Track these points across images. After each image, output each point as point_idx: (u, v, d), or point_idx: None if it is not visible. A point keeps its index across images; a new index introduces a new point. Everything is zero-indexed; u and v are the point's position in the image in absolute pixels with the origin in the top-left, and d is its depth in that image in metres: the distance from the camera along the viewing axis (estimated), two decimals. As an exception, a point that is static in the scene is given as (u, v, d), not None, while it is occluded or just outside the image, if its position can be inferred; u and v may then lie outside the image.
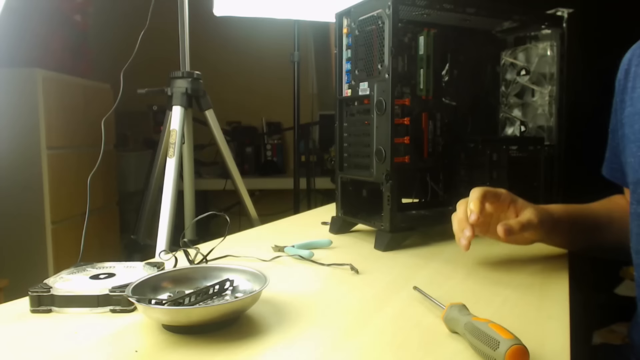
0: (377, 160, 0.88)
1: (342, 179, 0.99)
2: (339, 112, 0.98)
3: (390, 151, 0.85)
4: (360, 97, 0.92)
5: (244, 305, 0.57)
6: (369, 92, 0.89)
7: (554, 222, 0.79)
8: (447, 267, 0.80)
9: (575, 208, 0.85)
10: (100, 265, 0.71)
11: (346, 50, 0.96)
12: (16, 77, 1.82)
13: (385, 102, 0.85)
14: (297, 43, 1.84)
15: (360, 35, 0.91)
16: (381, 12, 0.84)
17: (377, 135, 0.88)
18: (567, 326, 0.57)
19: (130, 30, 1.54)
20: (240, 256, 0.84)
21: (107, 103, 2.27)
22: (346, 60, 0.96)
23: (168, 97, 1.42)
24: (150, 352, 0.50)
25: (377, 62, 0.86)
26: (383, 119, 0.86)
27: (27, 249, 1.86)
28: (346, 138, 0.97)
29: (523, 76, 1.09)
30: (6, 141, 1.82)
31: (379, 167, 0.87)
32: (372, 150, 0.89)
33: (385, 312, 0.61)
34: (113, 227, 2.44)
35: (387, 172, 0.86)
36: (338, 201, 1.00)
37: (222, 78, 2.79)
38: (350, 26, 0.94)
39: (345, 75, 0.96)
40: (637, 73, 0.72)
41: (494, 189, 0.76)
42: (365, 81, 0.90)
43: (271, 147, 2.93)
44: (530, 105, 1.10)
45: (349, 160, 0.97)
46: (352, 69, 0.94)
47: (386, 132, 0.85)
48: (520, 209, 0.76)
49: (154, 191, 1.46)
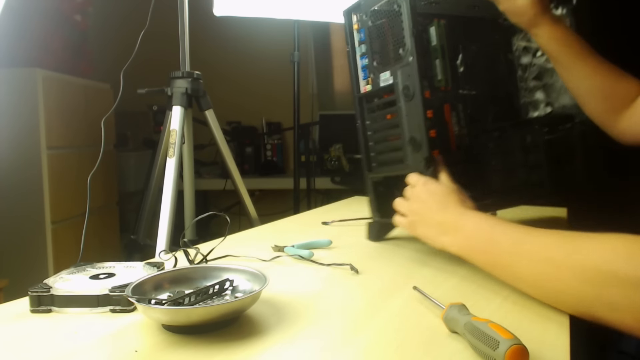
0: (411, 150, 0.82)
1: (373, 179, 0.92)
2: (360, 111, 0.93)
3: (427, 137, 0.79)
4: (381, 90, 0.87)
5: (243, 305, 0.57)
6: (392, 80, 0.84)
7: (562, 29, 0.84)
8: (447, 267, 0.80)
9: (580, 46, 0.85)
10: (100, 265, 0.71)
11: (359, 46, 0.92)
12: (16, 77, 1.82)
13: (413, 87, 0.80)
14: (297, 43, 1.84)
15: (375, 25, 0.88)
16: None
17: (408, 123, 0.82)
18: (567, 326, 0.57)
19: (130, 30, 1.54)
20: (240, 256, 0.84)
21: (107, 103, 2.27)
22: (360, 56, 0.92)
23: (168, 97, 1.41)
24: (150, 352, 0.50)
25: (398, 47, 0.82)
26: (412, 105, 0.80)
27: (27, 249, 1.86)
28: (371, 136, 0.92)
29: (540, 57, 1.06)
30: (6, 141, 1.82)
31: (415, 157, 0.82)
32: (405, 140, 0.83)
33: (385, 312, 0.61)
34: (113, 227, 2.44)
35: (425, 159, 0.80)
36: (373, 205, 0.93)
37: (222, 78, 2.79)
38: (362, 19, 0.90)
39: (361, 72, 0.92)
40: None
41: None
42: (386, 71, 0.85)
43: (271, 147, 2.93)
44: (552, 86, 1.05)
45: (378, 158, 0.91)
46: (370, 62, 0.89)
47: (418, 118, 0.79)
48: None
49: (154, 191, 1.46)
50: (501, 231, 0.64)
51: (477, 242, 0.67)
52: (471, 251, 0.68)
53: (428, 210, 0.74)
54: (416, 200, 0.77)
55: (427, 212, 0.74)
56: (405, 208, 0.78)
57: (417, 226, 0.76)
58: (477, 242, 0.67)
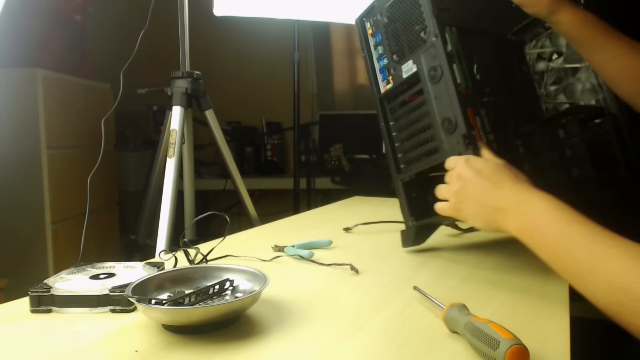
0: (445, 134, 0.77)
1: (403, 180, 0.86)
2: (382, 112, 0.90)
3: (462, 114, 0.75)
4: (404, 83, 0.85)
5: (244, 305, 0.57)
6: (415, 68, 0.82)
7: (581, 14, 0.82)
8: (447, 267, 0.80)
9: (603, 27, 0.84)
10: (100, 265, 0.71)
11: (375, 49, 0.90)
12: (16, 77, 1.82)
13: (439, 67, 0.78)
14: (297, 43, 1.84)
15: (391, 20, 0.87)
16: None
17: (438, 107, 0.79)
18: (567, 326, 0.57)
19: (130, 30, 1.54)
20: (240, 256, 0.84)
21: (107, 103, 2.27)
22: (378, 58, 0.90)
23: (168, 97, 1.41)
24: (150, 352, 0.50)
25: (419, 33, 0.81)
26: (441, 87, 0.78)
27: (27, 249, 1.86)
28: (396, 136, 0.88)
29: (556, 60, 1.03)
30: (6, 141, 1.82)
31: (451, 140, 0.77)
32: (437, 126, 0.79)
33: (385, 312, 0.61)
34: (113, 227, 2.44)
35: (464, 137, 0.74)
36: (405, 209, 0.87)
37: (222, 78, 2.79)
38: (376, 21, 0.90)
39: (380, 74, 0.90)
40: None
41: None
42: (408, 60, 0.83)
43: (271, 147, 2.93)
44: (573, 85, 1.04)
45: (406, 157, 0.86)
46: (389, 58, 0.87)
47: (449, 97, 0.77)
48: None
49: (154, 191, 1.46)
50: (558, 213, 0.58)
51: (536, 224, 0.60)
52: (531, 234, 0.61)
53: (475, 189, 0.68)
54: (459, 180, 0.70)
55: (473, 191, 0.68)
56: (448, 192, 0.72)
57: (462, 207, 0.70)
58: (535, 223, 0.61)
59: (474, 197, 0.68)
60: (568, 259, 0.55)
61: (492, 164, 0.68)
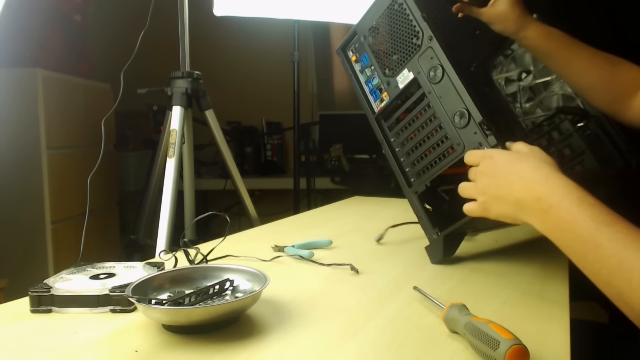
0: (460, 129, 0.76)
1: (418, 192, 0.83)
2: (381, 131, 0.88)
3: (473, 102, 0.74)
4: (400, 95, 0.85)
5: (244, 305, 0.57)
6: (412, 75, 0.82)
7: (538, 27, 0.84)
8: (447, 267, 0.80)
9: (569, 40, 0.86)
10: (100, 265, 0.71)
11: (362, 73, 0.91)
12: (16, 77, 1.82)
13: (441, 65, 0.78)
14: (297, 43, 1.84)
15: (378, 38, 0.88)
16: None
17: (445, 105, 0.78)
18: (567, 326, 0.57)
19: (130, 30, 1.54)
20: (240, 256, 0.84)
21: (107, 103, 2.27)
22: (366, 81, 0.90)
23: (168, 97, 1.41)
24: (150, 352, 0.50)
25: (411, 39, 0.82)
26: (444, 84, 0.77)
27: (27, 249, 1.86)
28: (400, 151, 0.86)
29: (526, 78, 1.07)
30: (6, 141, 1.82)
31: (467, 133, 0.75)
32: (448, 124, 0.77)
33: (385, 312, 0.61)
34: (113, 227, 2.44)
35: (480, 126, 0.72)
36: (425, 223, 0.83)
37: (222, 78, 2.79)
38: (359, 44, 0.91)
39: (371, 96, 0.89)
40: None
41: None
42: (402, 70, 0.83)
43: (271, 147, 2.93)
44: (549, 98, 1.06)
45: (416, 168, 0.83)
46: (380, 75, 0.88)
47: (456, 92, 0.76)
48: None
49: (154, 191, 1.46)
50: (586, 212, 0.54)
51: (561, 222, 0.56)
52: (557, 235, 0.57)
53: (502, 184, 0.64)
54: (483, 177, 0.66)
55: (500, 187, 0.64)
56: (473, 190, 0.68)
57: (491, 207, 0.65)
58: (560, 221, 0.56)
59: (499, 194, 0.64)
60: (600, 268, 0.51)
61: (515, 155, 0.65)
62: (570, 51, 0.86)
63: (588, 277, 0.54)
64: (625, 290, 0.49)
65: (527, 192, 0.60)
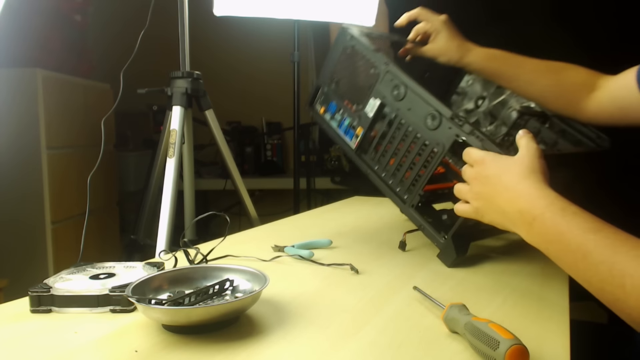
0: (434, 130, 0.79)
1: (415, 205, 0.84)
2: (363, 164, 0.92)
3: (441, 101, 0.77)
4: (372, 123, 0.89)
5: (244, 305, 0.57)
6: (379, 101, 0.87)
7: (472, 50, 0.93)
8: (447, 268, 0.80)
9: (510, 57, 0.93)
10: (100, 265, 0.71)
11: (332, 119, 0.96)
12: (16, 77, 1.82)
13: (402, 83, 0.82)
14: (297, 43, 1.84)
15: (339, 83, 0.95)
16: (347, 42, 0.93)
17: (416, 114, 0.81)
18: (567, 326, 0.57)
19: (130, 30, 1.54)
20: (240, 256, 0.84)
21: (107, 103, 2.27)
22: (338, 125, 0.95)
23: (168, 97, 1.41)
24: (150, 352, 0.50)
25: (369, 70, 0.88)
26: (409, 97, 0.82)
27: (27, 249, 1.86)
28: (386, 175, 0.88)
29: (483, 104, 1.12)
30: (6, 141, 1.82)
31: (442, 131, 0.78)
32: (423, 131, 0.80)
33: (385, 312, 0.61)
34: (113, 227, 2.43)
35: (452, 119, 0.76)
36: (430, 231, 0.83)
37: (222, 78, 2.79)
38: (325, 94, 0.98)
39: (346, 137, 0.93)
40: None
41: (430, 15, 0.95)
42: (369, 100, 0.88)
43: (271, 147, 2.93)
44: (509, 114, 1.10)
45: (406, 183, 0.85)
46: (350, 114, 0.92)
47: (421, 99, 0.80)
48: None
49: (154, 191, 1.46)
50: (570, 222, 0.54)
51: (546, 233, 0.57)
52: (545, 247, 0.58)
53: (494, 193, 0.64)
54: (476, 182, 0.67)
55: (492, 196, 0.64)
56: (468, 195, 0.69)
57: (484, 213, 0.67)
58: (545, 233, 0.57)
59: (492, 202, 0.65)
60: (592, 275, 0.51)
61: (505, 163, 0.65)
62: (514, 66, 0.93)
63: (582, 285, 0.53)
64: (619, 296, 0.49)
65: (511, 204, 0.61)
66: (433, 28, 0.96)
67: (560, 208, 0.56)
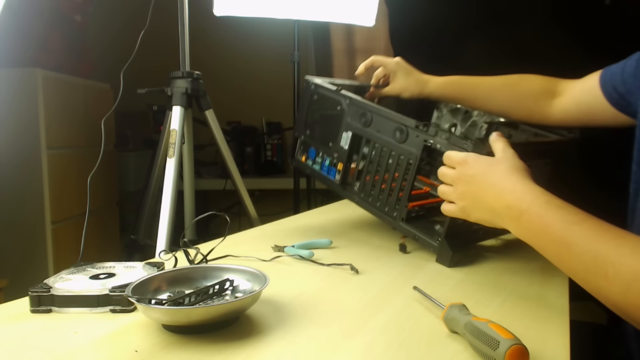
0: (404, 142, 0.84)
1: (404, 217, 0.87)
2: (349, 195, 0.96)
3: (404, 114, 0.83)
4: (350, 154, 0.95)
5: (244, 305, 0.57)
6: (351, 132, 0.94)
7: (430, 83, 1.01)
8: (447, 267, 0.80)
9: (466, 80, 1.01)
10: (100, 265, 0.71)
11: (314, 164, 1.03)
12: (16, 77, 1.82)
13: (366, 110, 0.90)
14: (297, 43, 1.84)
15: (312, 129, 1.03)
16: (312, 90, 1.02)
17: (385, 134, 0.87)
18: (567, 326, 0.57)
19: (130, 30, 1.54)
20: (240, 256, 0.84)
21: (107, 103, 2.27)
22: (320, 167, 1.02)
23: (168, 97, 1.41)
24: (150, 352, 0.50)
25: (335, 108, 0.96)
26: (376, 121, 0.89)
27: (27, 249, 1.86)
28: (373, 200, 0.92)
29: (456, 130, 1.16)
30: (6, 141, 1.82)
31: (411, 141, 0.83)
32: (396, 147, 0.85)
33: (385, 312, 0.61)
34: (113, 227, 2.43)
35: (417, 127, 0.82)
36: (424, 238, 0.84)
37: (222, 78, 2.79)
38: (303, 143, 1.05)
39: (329, 175, 0.99)
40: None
41: (383, 59, 1.05)
42: (341, 134, 0.95)
43: (271, 147, 2.93)
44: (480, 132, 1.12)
45: (391, 200, 0.88)
46: (328, 153, 0.99)
47: (386, 118, 0.86)
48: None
49: (154, 191, 1.46)
50: (555, 215, 0.56)
51: (533, 226, 0.58)
52: (531, 240, 0.59)
53: (480, 191, 0.66)
54: (460, 182, 0.69)
55: (478, 194, 0.66)
56: (453, 195, 0.70)
57: (470, 212, 0.68)
58: (532, 226, 0.58)
59: (477, 201, 0.66)
60: (576, 265, 0.53)
61: (487, 162, 0.67)
62: (471, 88, 1.01)
63: (569, 276, 0.55)
64: (603, 284, 0.50)
65: (498, 200, 0.63)
66: (389, 70, 1.06)
67: (544, 201, 0.58)
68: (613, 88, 0.84)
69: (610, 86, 0.85)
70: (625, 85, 0.81)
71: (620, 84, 0.82)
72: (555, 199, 0.58)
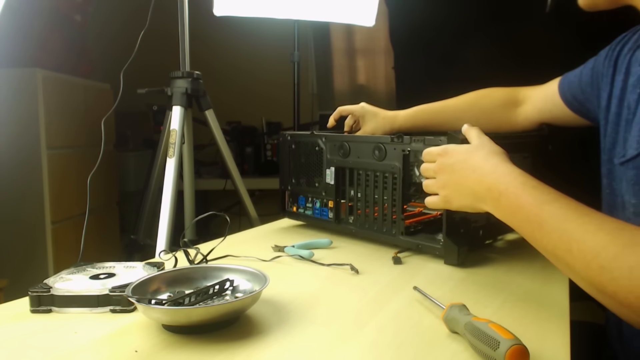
0: (383, 159, 0.88)
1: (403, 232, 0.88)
2: (347, 229, 0.97)
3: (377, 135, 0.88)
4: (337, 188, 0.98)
5: (244, 305, 0.57)
6: (333, 167, 0.97)
7: (399, 117, 1.07)
8: (447, 268, 0.80)
9: (432, 106, 1.07)
10: (100, 265, 0.71)
11: (307, 210, 1.05)
12: (16, 77, 1.82)
13: (343, 143, 0.94)
14: (297, 43, 1.84)
15: (297, 177, 1.06)
16: (288, 142, 1.06)
17: (365, 157, 0.91)
18: (567, 326, 0.57)
19: (130, 30, 1.54)
20: (240, 256, 0.84)
21: (107, 103, 2.27)
22: (314, 212, 1.04)
23: (168, 97, 1.41)
24: (150, 352, 0.50)
25: (315, 150, 1.01)
26: (354, 149, 0.93)
27: (27, 249, 1.86)
28: (369, 226, 0.93)
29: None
30: (6, 141, 1.82)
31: (391, 156, 0.86)
32: (381, 169, 0.88)
33: (385, 312, 0.61)
34: (113, 227, 2.44)
35: (392, 140, 0.86)
36: (426, 245, 0.85)
37: (222, 78, 2.78)
38: (292, 195, 1.08)
39: (323, 216, 1.02)
40: None
41: (349, 108, 1.12)
42: (325, 173, 0.99)
43: (271, 147, 2.93)
44: None
45: (387, 219, 0.89)
46: (317, 194, 1.02)
47: (364, 143, 0.91)
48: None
49: (154, 191, 1.46)
50: (529, 194, 0.58)
51: (510, 206, 0.60)
52: (509, 219, 0.61)
53: (461, 178, 0.68)
54: (442, 172, 0.71)
55: (460, 181, 0.68)
56: (435, 186, 0.72)
57: (452, 200, 0.70)
58: (509, 206, 0.60)
59: (458, 188, 0.69)
60: (547, 243, 0.55)
61: (466, 149, 0.69)
62: (437, 113, 1.06)
63: (541, 253, 0.57)
64: (569, 260, 0.51)
65: (480, 183, 0.65)
66: (357, 116, 1.12)
67: (521, 182, 0.60)
68: (572, 97, 0.89)
69: (569, 95, 0.89)
70: (584, 94, 0.86)
71: (579, 92, 0.87)
72: (531, 179, 0.60)
